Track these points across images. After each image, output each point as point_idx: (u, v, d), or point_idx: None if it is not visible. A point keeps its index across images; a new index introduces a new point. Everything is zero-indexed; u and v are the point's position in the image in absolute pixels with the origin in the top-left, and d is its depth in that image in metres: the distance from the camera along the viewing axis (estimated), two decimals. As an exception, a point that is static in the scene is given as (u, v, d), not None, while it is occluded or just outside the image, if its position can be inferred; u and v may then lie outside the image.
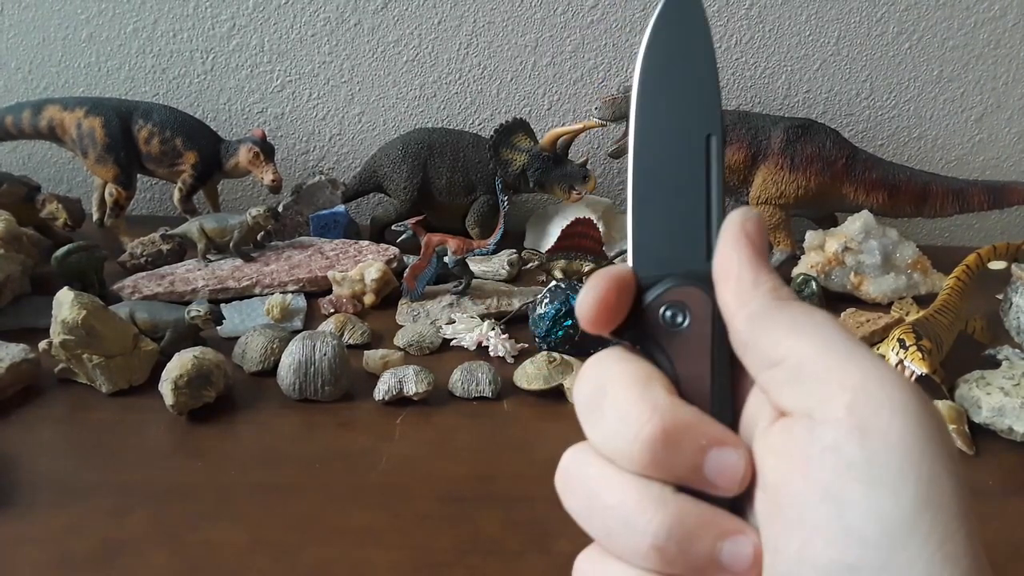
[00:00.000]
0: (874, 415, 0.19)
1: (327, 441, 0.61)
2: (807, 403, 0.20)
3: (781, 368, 0.21)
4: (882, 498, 0.19)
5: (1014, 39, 1.13)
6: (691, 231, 0.24)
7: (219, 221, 0.90)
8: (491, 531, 0.52)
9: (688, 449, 0.22)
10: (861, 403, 0.19)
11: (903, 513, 0.19)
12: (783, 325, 0.21)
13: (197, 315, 0.70)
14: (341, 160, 1.18)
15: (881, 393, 0.20)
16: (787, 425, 0.21)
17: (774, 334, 0.21)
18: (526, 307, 0.81)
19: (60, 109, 0.96)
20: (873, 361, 0.20)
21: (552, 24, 1.12)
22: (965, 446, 0.61)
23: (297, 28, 1.12)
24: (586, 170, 0.96)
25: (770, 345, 0.21)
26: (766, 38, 1.13)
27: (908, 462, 0.19)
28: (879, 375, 0.20)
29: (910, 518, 0.19)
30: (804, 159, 0.93)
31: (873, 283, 0.88)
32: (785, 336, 0.21)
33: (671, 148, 0.24)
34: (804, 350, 0.21)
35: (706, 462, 0.22)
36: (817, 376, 0.20)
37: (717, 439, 0.22)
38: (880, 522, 0.19)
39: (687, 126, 0.24)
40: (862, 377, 0.20)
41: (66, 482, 0.55)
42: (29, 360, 0.66)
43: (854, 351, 0.21)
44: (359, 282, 0.84)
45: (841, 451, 0.19)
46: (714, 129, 0.24)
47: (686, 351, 0.23)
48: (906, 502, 0.19)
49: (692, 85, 0.24)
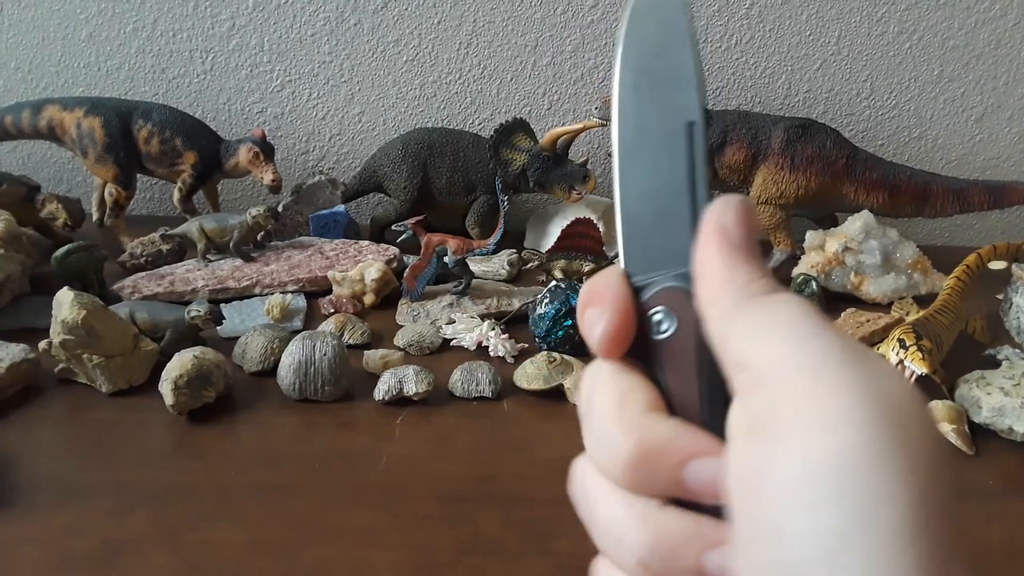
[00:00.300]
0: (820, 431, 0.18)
1: (327, 441, 0.61)
2: (764, 413, 0.20)
3: (748, 373, 0.21)
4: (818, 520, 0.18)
5: (1014, 39, 1.13)
6: (678, 226, 0.23)
7: (219, 221, 0.90)
8: (491, 531, 0.52)
9: (666, 465, 0.22)
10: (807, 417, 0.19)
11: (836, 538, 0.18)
12: (748, 328, 0.21)
13: (197, 315, 0.70)
14: (341, 160, 1.18)
15: (831, 405, 0.19)
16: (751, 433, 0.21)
17: (740, 338, 0.21)
18: (526, 307, 0.81)
19: (60, 109, 0.96)
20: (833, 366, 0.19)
21: (552, 24, 1.12)
22: (965, 446, 0.61)
23: (297, 28, 1.12)
24: (586, 170, 0.96)
25: (739, 350, 0.21)
26: (766, 38, 1.13)
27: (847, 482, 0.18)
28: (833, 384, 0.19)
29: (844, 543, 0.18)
30: (804, 159, 0.93)
31: (873, 283, 0.88)
32: (749, 341, 0.21)
33: (653, 140, 0.23)
34: (765, 356, 0.20)
35: (686, 475, 0.21)
36: (773, 386, 0.20)
37: (694, 451, 0.22)
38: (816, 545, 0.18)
39: (667, 116, 0.23)
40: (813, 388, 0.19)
41: (66, 482, 0.55)
42: (29, 360, 0.66)
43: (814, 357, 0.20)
44: (359, 282, 0.84)
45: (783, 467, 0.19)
46: (694, 116, 0.23)
47: (674, 357, 0.23)
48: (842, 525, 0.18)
49: (671, 72, 0.23)
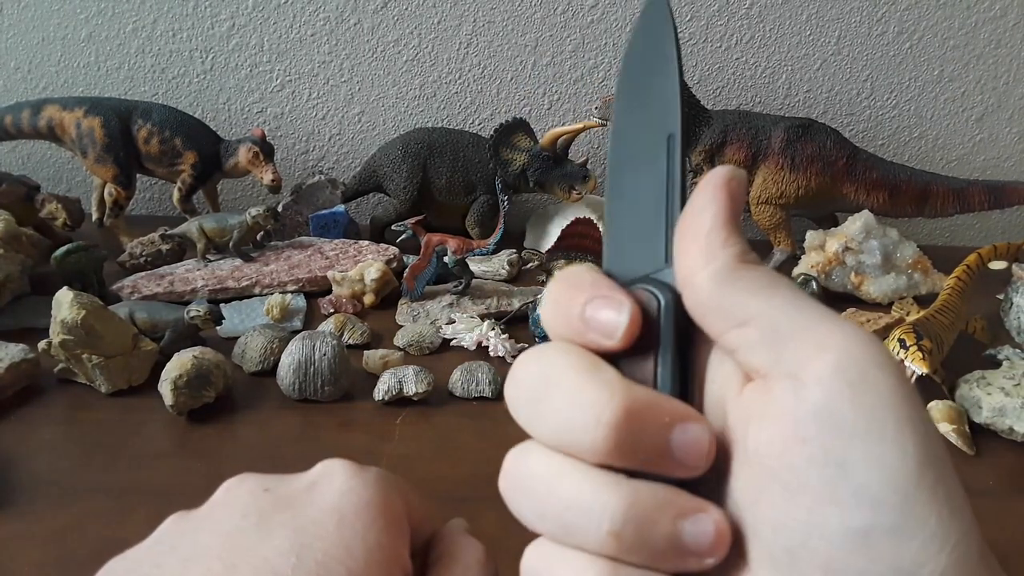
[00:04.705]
0: (862, 373, 0.19)
1: (327, 441, 0.61)
2: (786, 363, 0.20)
3: (751, 327, 0.20)
4: (887, 455, 0.18)
5: (1015, 39, 1.13)
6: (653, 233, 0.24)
7: (219, 221, 0.90)
8: (491, 531, 0.51)
9: (653, 427, 0.20)
10: (846, 361, 0.19)
11: (909, 469, 0.18)
12: (751, 284, 0.21)
13: (197, 315, 0.70)
14: (341, 160, 1.18)
15: (863, 351, 0.19)
16: (764, 387, 0.20)
17: (742, 292, 0.21)
18: (526, 307, 0.81)
19: (59, 109, 0.96)
20: (845, 321, 0.20)
21: (552, 24, 1.12)
22: (965, 446, 0.61)
23: (297, 28, 1.12)
24: (586, 170, 0.96)
25: (738, 304, 0.21)
26: (766, 38, 1.13)
27: (904, 416, 0.19)
28: (856, 334, 0.20)
29: (915, 473, 0.18)
30: (805, 159, 0.93)
31: (873, 283, 0.88)
32: (754, 295, 0.21)
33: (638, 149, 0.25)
34: (776, 309, 0.20)
35: (672, 439, 0.21)
36: (794, 335, 0.20)
37: (680, 415, 0.21)
38: (889, 480, 0.18)
39: (652, 127, 0.25)
40: (842, 336, 0.19)
41: (66, 482, 0.55)
42: (28, 360, 0.66)
43: (825, 312, 0.20)
44: (359, 282, 0.84)
45: (834, 411, 0.19)
46: (674, 128, 0.24)
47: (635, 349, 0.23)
48: (911, 457, 0.18)
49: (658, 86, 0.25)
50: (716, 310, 0.21)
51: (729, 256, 0.21)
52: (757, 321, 0.20)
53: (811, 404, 0.19)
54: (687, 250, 0.22)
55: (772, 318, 0.20)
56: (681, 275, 0.22)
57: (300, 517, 0.24)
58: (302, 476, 0.27)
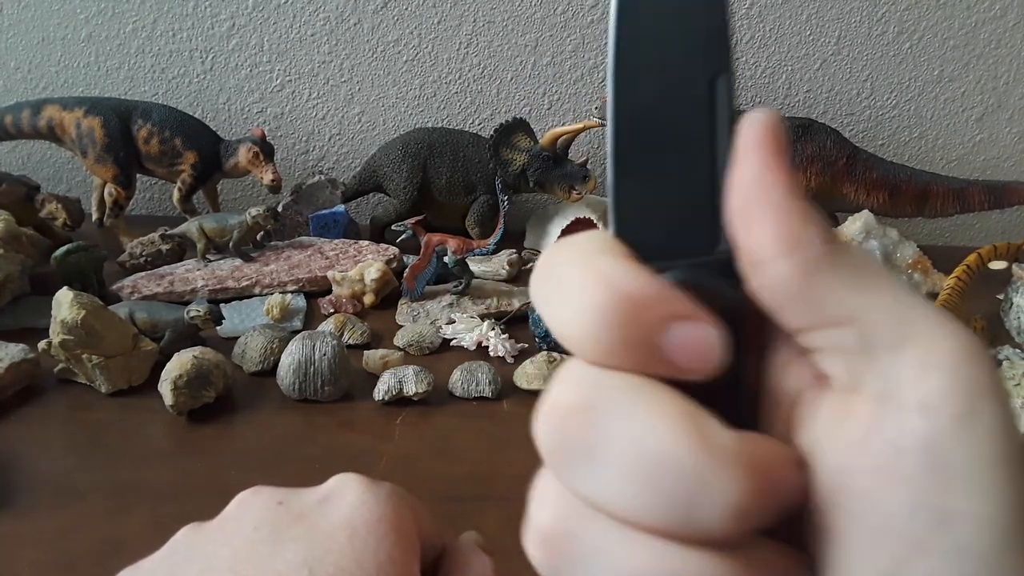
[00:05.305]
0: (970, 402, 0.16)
1: (327, 441, 0.61)
2: (884, 379, 0.17)
3: (847, 329, 0.17)
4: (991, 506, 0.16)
5: (1015, 39, 1.13)
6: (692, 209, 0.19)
7: (219, 221, 0.90)
8: (491, 531, 0.51)
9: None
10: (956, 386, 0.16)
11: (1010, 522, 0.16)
12: (851, 276, 0.17)
13: (196, 315, 0.70)
14: (341, 160, 1.18)
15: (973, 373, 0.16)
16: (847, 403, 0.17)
17: (840, 287, 0.17)
18: (526, 307, 0.81)
19: (59, 109, 0.96)
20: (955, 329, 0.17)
21: (552, 24, 1.12)
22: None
23: (297, 28, 1.12)
24: (586, 170, 0.96)
25: (833, 300, 0.17)
26: (766, 38, 1.13)
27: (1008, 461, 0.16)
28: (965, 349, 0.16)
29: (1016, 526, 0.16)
30: (805, 159, 0.93)
31: (873, 283, 0.87)
32: (855, 291, 0.17)
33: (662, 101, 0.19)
34: (881, 310, 0.17)
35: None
36: (898, 345, 0.16)
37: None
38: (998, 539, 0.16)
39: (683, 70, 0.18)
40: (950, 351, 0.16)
41: (66, 482, 0.55)
42: (28, 360, 0.66)
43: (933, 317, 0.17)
44: (359, 282, 0.84)
45: (938, 448, 0.16)
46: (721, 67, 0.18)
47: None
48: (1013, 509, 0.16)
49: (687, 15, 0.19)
50: (802, 304, 0.17)
51: (816, 238, 0.17)
52: (856, 323, 0.17)
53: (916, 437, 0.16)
54: (755, 230, 0.17)
55: (875, 321, 0.17)
56: (750, 260, 0.18)
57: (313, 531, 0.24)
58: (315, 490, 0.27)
